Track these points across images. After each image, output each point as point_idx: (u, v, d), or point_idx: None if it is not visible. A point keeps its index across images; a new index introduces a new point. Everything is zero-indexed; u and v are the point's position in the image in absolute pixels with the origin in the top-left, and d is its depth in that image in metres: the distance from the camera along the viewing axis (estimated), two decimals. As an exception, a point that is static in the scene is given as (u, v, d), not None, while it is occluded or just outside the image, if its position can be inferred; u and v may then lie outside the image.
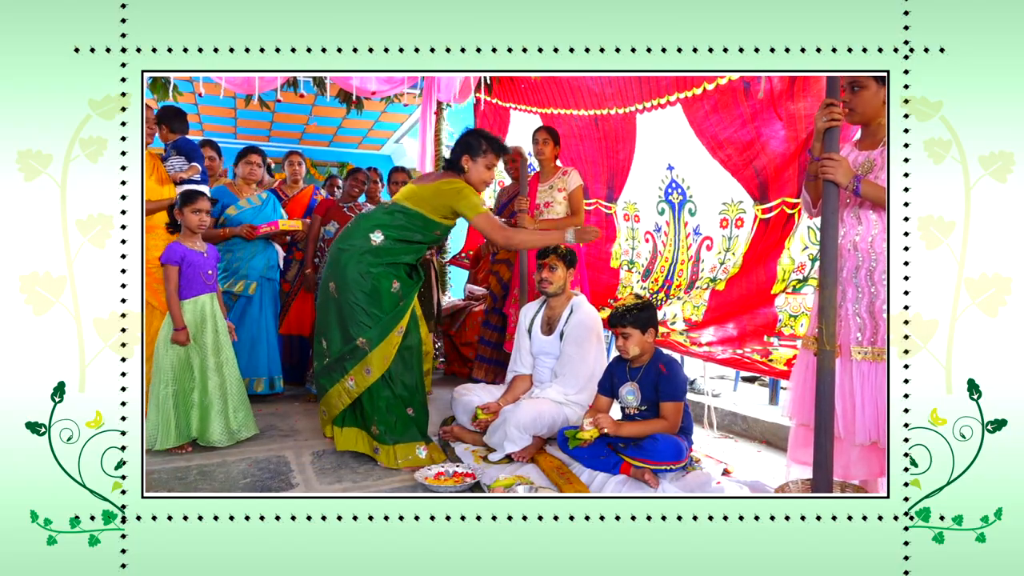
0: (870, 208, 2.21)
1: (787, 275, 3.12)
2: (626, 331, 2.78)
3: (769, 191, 3.27)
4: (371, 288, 2.92)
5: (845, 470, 2.27)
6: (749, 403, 4.04)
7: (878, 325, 2.20)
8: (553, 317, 3.39)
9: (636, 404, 2.83)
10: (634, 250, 4.35)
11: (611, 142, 4.30)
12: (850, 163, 2.26)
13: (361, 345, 2.91)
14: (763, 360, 3.18)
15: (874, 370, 2.21)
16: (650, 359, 2.82)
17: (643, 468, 2.62)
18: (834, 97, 2.08)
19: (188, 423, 3.15)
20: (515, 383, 3.44)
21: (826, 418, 2.00)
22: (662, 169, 3.91)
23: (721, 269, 3.50)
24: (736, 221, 3.47)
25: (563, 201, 3.98)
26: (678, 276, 3.87)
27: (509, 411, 3.11)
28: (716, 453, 3.25)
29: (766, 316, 3.20)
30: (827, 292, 2.04)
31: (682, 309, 3.70)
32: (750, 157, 3.31)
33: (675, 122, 3.66)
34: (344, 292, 2.94)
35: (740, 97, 3.24)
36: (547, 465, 2.89)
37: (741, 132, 3.31)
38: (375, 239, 2.95)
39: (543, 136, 4.02)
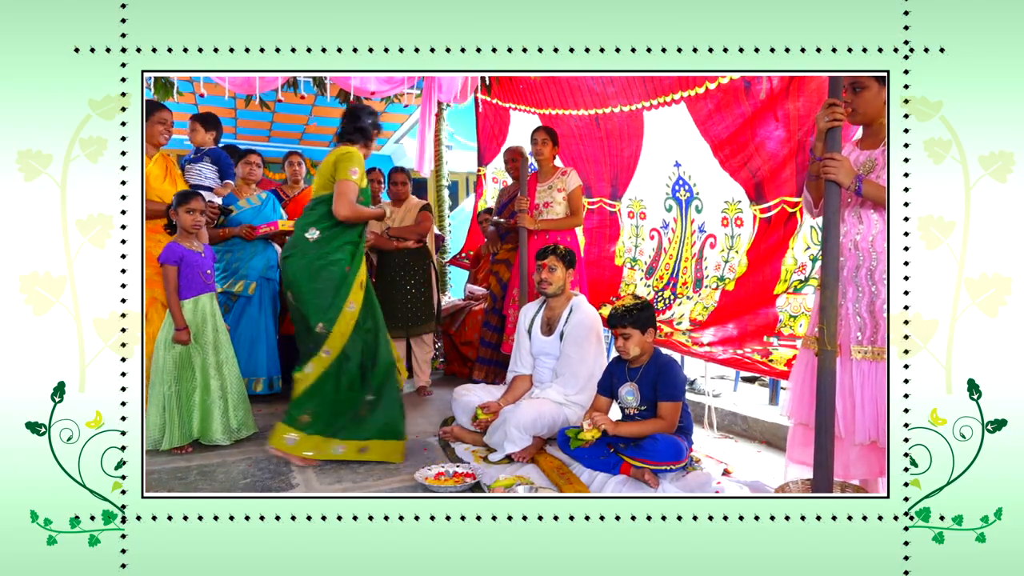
0: (871, 207, 2.21)
1: (789, 275, 3.13)
2: (626, 331, 2.78)
3: (765, 192, 3.27)
4: (323, 277, 2.96)
5: (845, 470, 2.27)
6: (749, 403, 4.04)
7: (878, 324, 2.20)
8: (553, 318, 3.38)
9: (636, 404, 2.83)
10: (637, 248, 4.35)
11: (615, 140, 4.29)
12: (852, 162, 2.26)
13: (320, 330, 2.93)
14: (763, 360, 3.18)
15: (874, 369, 2.21)
16: (649, 359, 2.82)
17: (643, 468, 2.62)
18: (836, 97, 2.08)
19: (190, 423, 3.15)
20: (515, 383, 3.44)
21: (827, 418, 2.00)
22: (669, 166, 3.91)
23: (727, 268, 3.51)
24: (736, 220, 3.48)
25: (562, 201, 3.98)
26: (683, 274, 3.87)
27: (509, 411, 3.10)
28: (716, 453, 3.25)
29: (767, 316, 3.21)
30: (828, 292, 2.04)
31: (691, 310, 3.69)
32: (745, 159, 3.33)
33: (681, 119, 3.67)
34: (298, 292, 2.98)
35: (741, 96, 3.25)
36: (547, 465, 2.90)
37: (740, 131, 3.32)
38: (311, 236, 3.01)
39: (542, 136, 4.03)
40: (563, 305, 3.36)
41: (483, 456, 3.13)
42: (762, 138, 3.21)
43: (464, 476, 2.78)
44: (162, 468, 2.89)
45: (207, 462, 2.99)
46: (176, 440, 3.10)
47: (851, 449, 2.24)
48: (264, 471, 2.90)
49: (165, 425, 3.11)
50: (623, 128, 4.19)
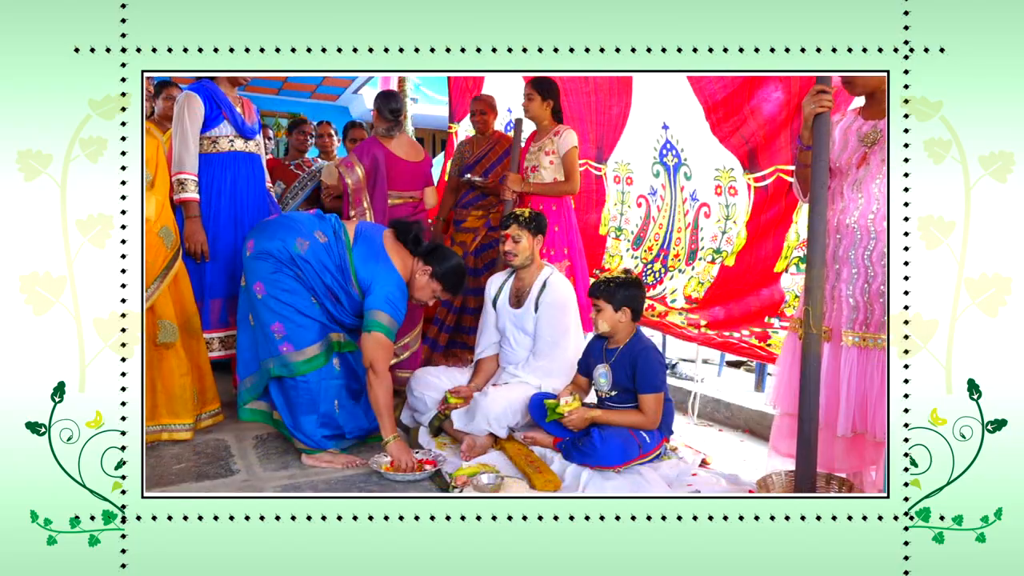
0: (872, 182, 2.12)
1: (791, 251, 2.98)
2: (598, 303, 2.68)
3: (759, 159, 3.09)
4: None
5: (829, 462, 2.20)
6: (734, 389, 3.89)
7: (873, 309, 2.11)
8: (522, 288, 3.15)
9: (607, 388, 2.73)
10: (623, 216, 4.04)
11: (603, 96, 3.93)
12: (854, 132, 2.19)
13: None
14: (760, 344, 3.03)
15: (864, 357, 2.12)
16: (627, 343, 2.71)
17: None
18: (824, 83, 2.04)
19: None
20: (483, 365, 3.24)
21: (811, 406, 1.95)
22: (657, 128, 3.63)
23: (724, 239, 3.31)
24: (729, 189, 3.29)
25: (549, 165, 3.60)
26: (675, 245, 3.65)
27: (483, 399, 2.91)
28: (696, 443, 3.11)
29: (770, 295, 3.04)
30: (814, 271, 1.99)
31: (685, 285, 3.50)
32: (738, 123, 3.14)
33: (675, 76, 3.34)
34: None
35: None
36: (514, 452, 2.77)
37: (736, 93, 3.12)
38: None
39: (527, 91, 3.59)
40: (533, 275, 3.13)
41: (445, 442, 3.00)
42: (759, 100, 3.02)
43: (424, 463, 2.67)
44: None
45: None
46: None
47: (836, 441, 2.16)
48: (201, 456, 2.79)
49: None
50: (612, 84, 3.84)
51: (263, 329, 2.75)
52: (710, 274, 3.38)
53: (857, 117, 2.24)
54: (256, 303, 2.75)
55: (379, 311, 2.71)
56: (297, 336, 2.73)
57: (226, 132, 3.15)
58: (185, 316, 2.95)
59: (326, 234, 2.82)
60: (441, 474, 2.64)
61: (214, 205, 3.16)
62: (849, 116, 2.28)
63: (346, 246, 2.83)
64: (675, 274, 3.61)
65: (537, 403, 2.82)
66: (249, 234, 2.86)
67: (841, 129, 2.26)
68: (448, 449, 2.94)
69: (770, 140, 3.04)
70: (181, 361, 2.90)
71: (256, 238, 2.79)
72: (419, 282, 2.89)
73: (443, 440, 3.05)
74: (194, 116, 3.06)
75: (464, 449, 2.87)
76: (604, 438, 2.56)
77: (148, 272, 2.69)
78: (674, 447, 2.87)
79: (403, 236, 2.91)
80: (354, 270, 2.80)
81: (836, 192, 2.22)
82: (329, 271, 2.78)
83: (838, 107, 2.31)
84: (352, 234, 2.87)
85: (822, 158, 2.05)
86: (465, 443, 2.90)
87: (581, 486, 2.51)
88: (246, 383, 2.88)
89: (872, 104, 2.22)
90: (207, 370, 3.09)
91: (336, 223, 2.88)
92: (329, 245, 2.80)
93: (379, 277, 2.77)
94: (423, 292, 2.91)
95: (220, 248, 3.19)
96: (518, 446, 2.85)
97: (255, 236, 2.80)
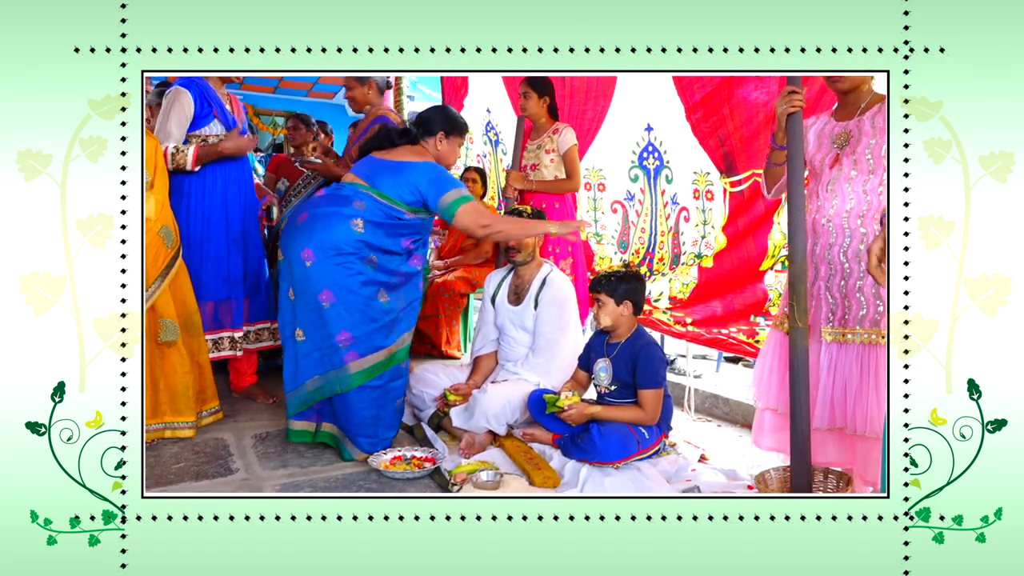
0: (846, 181, 2.18)
1: (777, 250, 3.00)
2: (600, 298, 2.67)
3: (736, 163, 3.10)
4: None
5: (814, 456, 2.21)
6: (731, 385, 3.90)
7: (850, 305, 2.17)
8: (521, 285, 3.14)
9: (607, 383, 2.72)
10: (597, 223, 4.06)
11: (578, 100, 3.92)
12: (827, 135, 2.25)
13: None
14: (749, 341, 3.07)
15: (842, 353, 2.16)
16: (628, 338, 2.70)
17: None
18: (795, 84, 2.07)
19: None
20: (481, 362, 3.24)
21: (802, 400, 1.97)
22: (639, 131, 3.63)
23: (704, 244, 3.35)
24: (706, 193, 3.30)
25: (550, 163, 3.59)
26: (659, 248, 3.68)
27: (482, 397, 2.89)
28: (695, 438, 3.12)
29: (754, 293, 3.08)
30: (796, 267, 2.02)
31: (669, 287, 3.53)
32: (716, 124, 3.14)
33: (659, 77, 3.35)
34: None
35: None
36: (513, 448, 2.77)
37: (717, 91, 3.11)
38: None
39: (523, 89, 3.57)
40: (533, 272, 3.12)
41: (445, 441, 2.99)
42: (739, 99, 3.02)
43: (424, 461, 2.65)
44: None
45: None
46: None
47: (813, 433, 2.19)
48: (200, 455, 2.77)
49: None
50: (590, 86, 3.83)
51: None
52: (690, 275, 3.42)
53: (830, 119, 2.31)
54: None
55: (445, 194, 2.66)
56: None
57: (216, 131, 3.10)
58: (186, 314, 2.95)
59: (358, 200, 2.67)
60: (440, 471, 2.63)
61: (207, 206, 3.11)
62: (823, 119, 2.34)
63: (374, 193, 2.68)
64: (658, 277, 3.65)
65: (536, 400, 2.81)
66: (291, 241, 2.66)
67: (815, 132, 2.35)
68: (447, 446, 2.94)
69: (748, 142, 3.06)
70: (183, 359, 2.89)
71: (311, 247, 2.59)
72: (442, 152, 2.85)
73: (442, 437, 3.05)
74: (182, 113, 3.00)
75: (463, 446, 2.86)
76: (603, 434, 2.55)
77: (149, 272, 2.68)
78: (673, 443, 2.88)
79: (389, 143, 2.82)
80: (397, 201, 2.67)
81: (812, 193, 2.31)
82: (384, 227, 2.66)
83: (813, 110, 2.34)
84: (362, 180, 2.72)
85: (797, 156, 2.12)
86: (464, 440, 2.89)
87: (580, 482, 2.51)
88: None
89: (845, 105, 2.28)
90: (207, 368, 3.07)
91: (344, 188, 2.74)
92: (368, 207, 2.65)
93: (418, 179, 2.67)
94: (451, 156, 2.90)
95: (212, 250, 3.13)
96: (517, 443, 2.85)
97: (308, 243, 2.60)
